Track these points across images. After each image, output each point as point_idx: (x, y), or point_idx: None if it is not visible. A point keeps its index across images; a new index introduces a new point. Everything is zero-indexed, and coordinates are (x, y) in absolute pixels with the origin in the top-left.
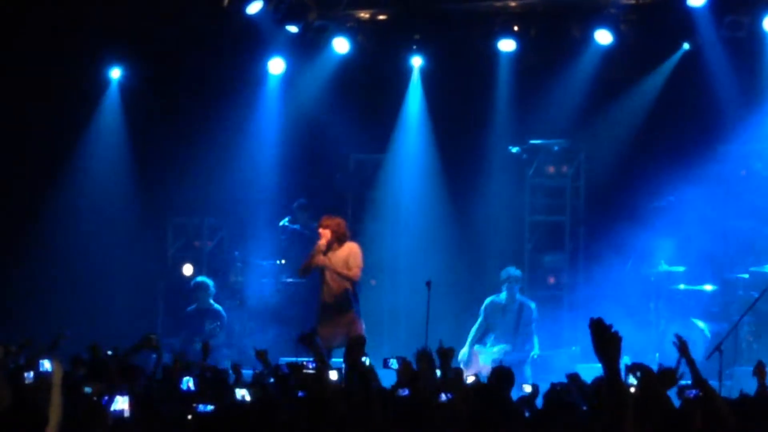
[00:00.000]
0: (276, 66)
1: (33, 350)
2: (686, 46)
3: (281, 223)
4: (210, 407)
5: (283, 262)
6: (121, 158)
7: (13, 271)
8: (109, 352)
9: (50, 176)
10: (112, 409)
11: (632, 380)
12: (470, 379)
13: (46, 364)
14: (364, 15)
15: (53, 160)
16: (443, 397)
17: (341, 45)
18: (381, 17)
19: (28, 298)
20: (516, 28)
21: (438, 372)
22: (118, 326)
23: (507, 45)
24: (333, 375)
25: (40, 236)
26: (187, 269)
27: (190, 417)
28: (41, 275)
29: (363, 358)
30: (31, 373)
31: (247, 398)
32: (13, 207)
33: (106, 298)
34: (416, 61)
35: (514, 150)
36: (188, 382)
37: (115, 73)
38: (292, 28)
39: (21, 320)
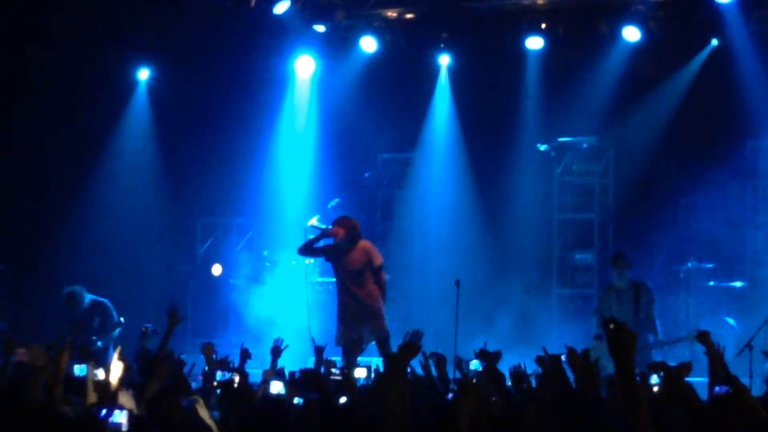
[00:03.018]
0: (304, 65)
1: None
2: (715, 42)
3: (309, 223)
4: None
5: (311, 261)
6: (150, 158)
7: (41, 270)
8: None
9: (80, 177)
10: (110, 421)
11: (655, 380)
12: None
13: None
14: (392, 14)
15: (83, 160)
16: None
17: (369, 44)
18: (408, 16)
19: (57, 296)
20: (544, 25)
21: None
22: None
23: (535, 42)
24: (361, 372)
25: (70, 237)
26: (216, 269)
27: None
28: (71, 275)
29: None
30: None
31: (282, 392)
32: (42, 208)
33: (135, 298)
34: (444, 60)
35: (543, 148)
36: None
37: (143, 74)
38: (320, 28)
39: (52, 319)
